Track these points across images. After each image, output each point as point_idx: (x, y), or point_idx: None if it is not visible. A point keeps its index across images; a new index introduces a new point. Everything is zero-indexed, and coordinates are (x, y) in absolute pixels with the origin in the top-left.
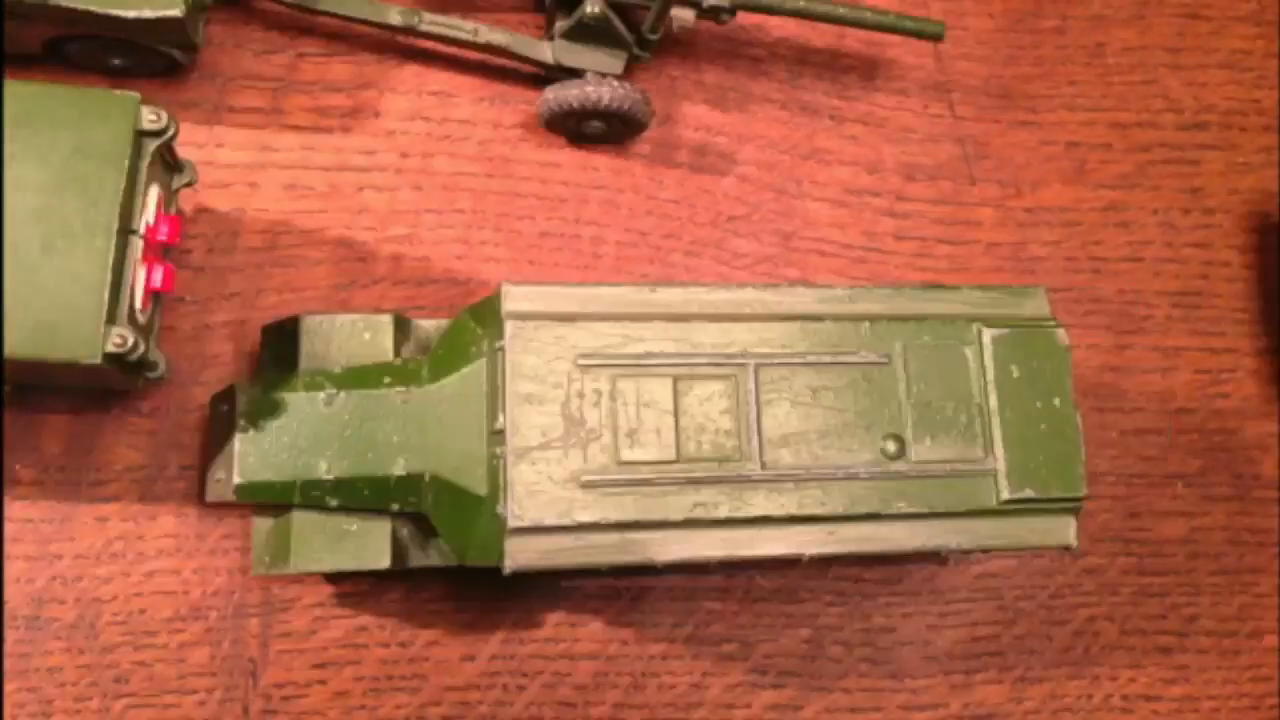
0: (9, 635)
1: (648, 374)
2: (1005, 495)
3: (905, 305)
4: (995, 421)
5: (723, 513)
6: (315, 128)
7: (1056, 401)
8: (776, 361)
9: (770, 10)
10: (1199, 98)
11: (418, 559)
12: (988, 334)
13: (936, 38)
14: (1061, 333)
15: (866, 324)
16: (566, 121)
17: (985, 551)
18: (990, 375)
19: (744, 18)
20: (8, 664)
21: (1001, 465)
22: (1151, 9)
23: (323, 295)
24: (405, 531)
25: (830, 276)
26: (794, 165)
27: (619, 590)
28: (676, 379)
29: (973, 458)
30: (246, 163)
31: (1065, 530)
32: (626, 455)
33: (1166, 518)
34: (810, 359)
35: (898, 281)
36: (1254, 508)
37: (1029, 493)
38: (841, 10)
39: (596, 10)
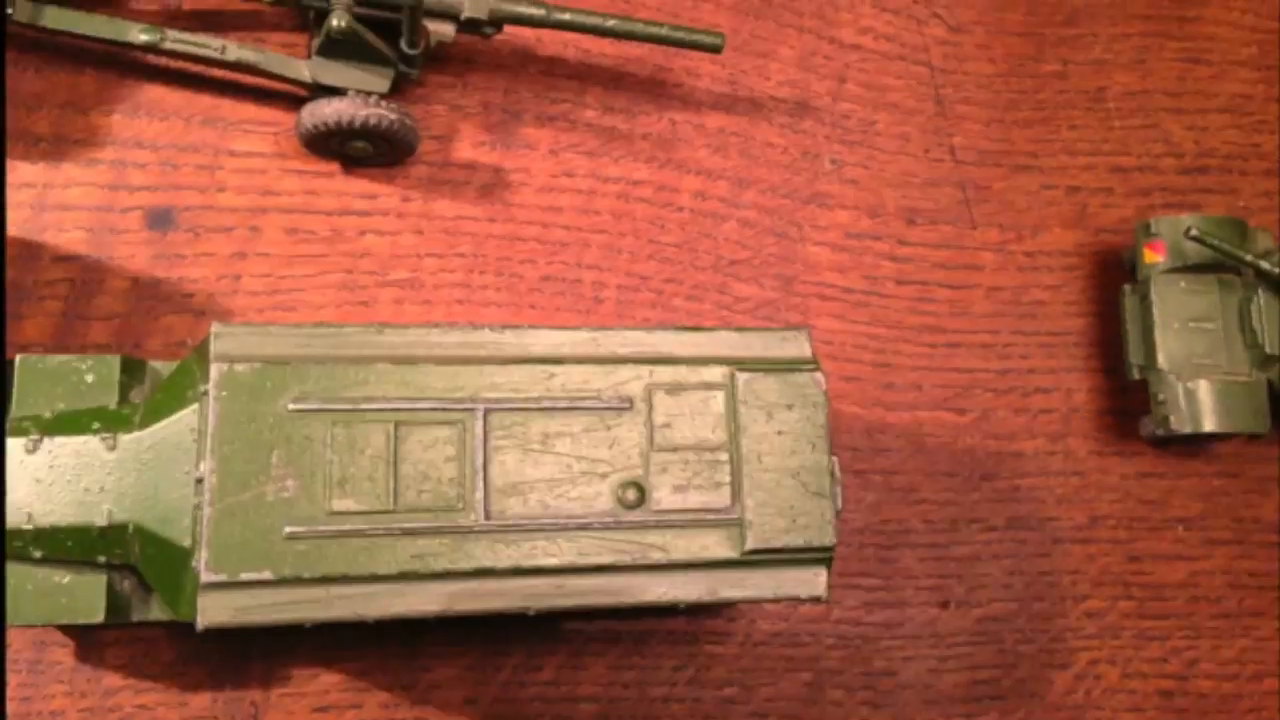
0: (11, 679)
1: (365, 419)
2: (750, 545)
3: (654, 347)
4: (744, 469)
5: (441, 565)
6: (316, 172)
7: (810, 448)
8: (508, 406)
9: (535, 23)
10: (1200, 142)
11: (140, 612)
12: (741, 377)
13: (715, 49)
14: (819, 376)
15: (610, 367)
16: (328, 142)
17: (730, 604)
18: (741, 420)
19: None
20: (10, 707)
21: (749, 514)
22: (1152, 54)
23: None
24: (126, 584)
25: (831, 320)
26: (795, 209)
27: (620, 633)
28: (397, 425)
29: (717, 506)
30: (248, 207)
31: (815, 581)
32: (337, 505)
33: (1167, 561)
34: (546, 404)
35: (898, 325)
36: (1254, 551)
37: (776, 543)
38: (612, 23)
39: (342, 24)
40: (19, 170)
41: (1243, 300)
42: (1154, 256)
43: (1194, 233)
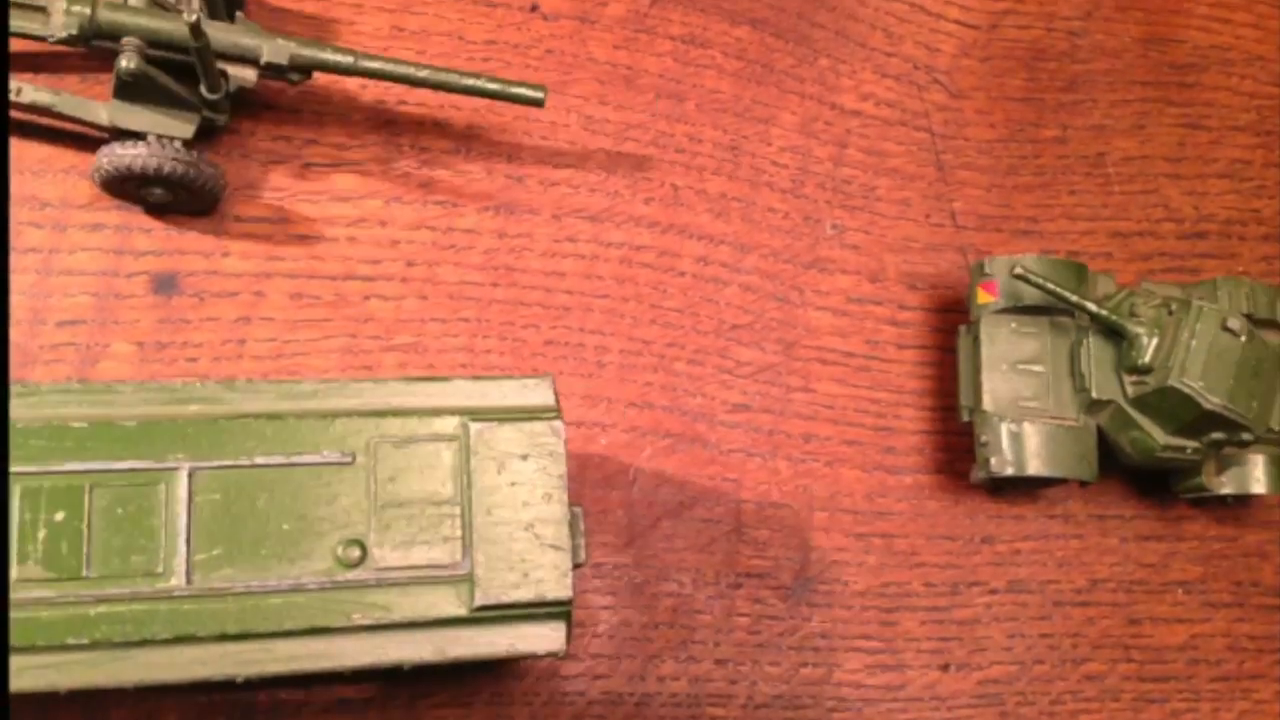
0: None
1: (57, 482)
2: (480, 601)
3: (383, 399)
4: (474, 522)
5: (138, 634)
6: (321, 237)
7: (546, 499)
8: (217, 465)
9: (342, 70)
10: (1199, 207)
11: None
12: (475, 428)
13: (536, 104)
14: (558, 424)
15: (332, 420)
16: (125, 186)
17: (461, 663)
18: (473, 472)
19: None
20: None
21: (478, 569)
22: (1152, 120)
23: None
24: None
25: (833, 385)
26: (797, 274)
27: (622, 696)
28: (92, 487)
29: (445, 563)
30: (253, 272)
31: (553, 636)
32: (23, 573)
33: (1167, 624)
34: (260, 460)
35: (899, 390)
36: (1254, 614)
37: (507, 598)
38: (424, 73)
39: (131, 65)
40: (24, 235)
41: (1074, 344)
42: (986, 297)
43: (1018, 271)
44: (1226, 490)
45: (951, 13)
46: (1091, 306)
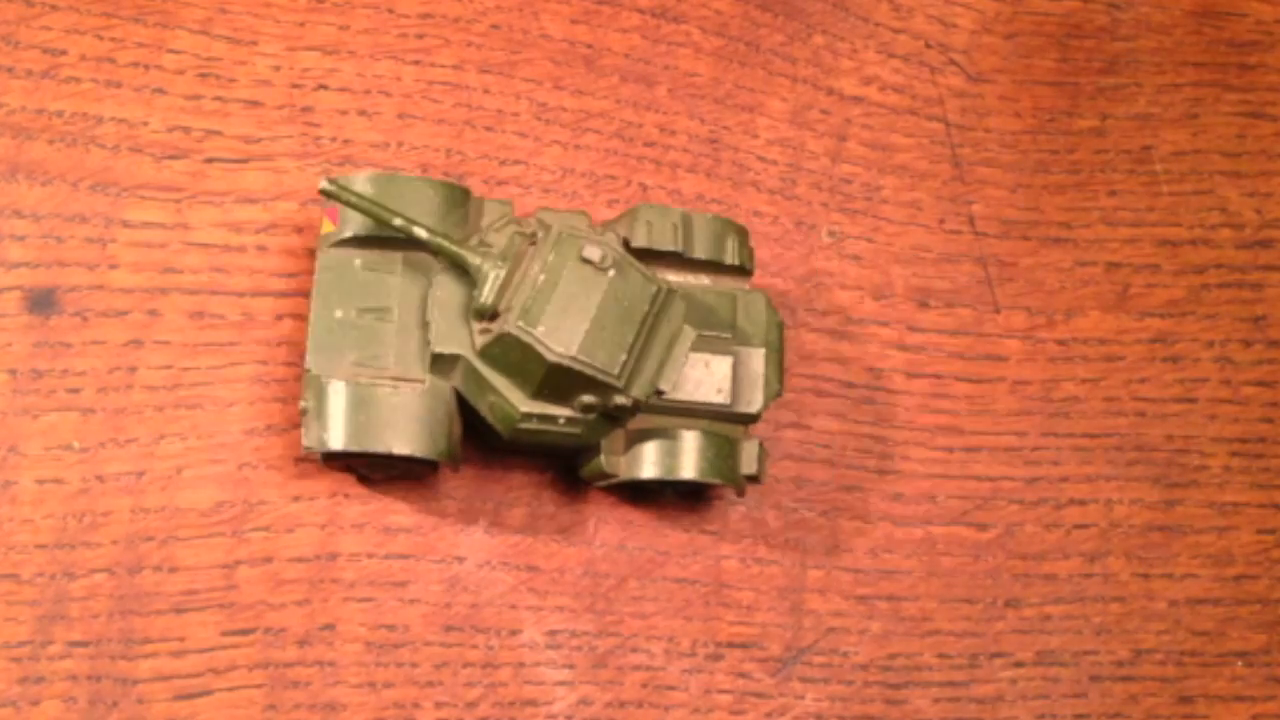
0: None
1: None
2: None
3: None
4: None
5: None
6: (226, 246)
7: None
8: None
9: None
10: (1262, 210)
11: None
12: None
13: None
14: None
15: None
16: None
17: None
18: None
19: None
20: None
21: None
22: (1206, 107)
23: (234, 441)
24: None
25: (830, 420)
26: (787, 289)
27: None
28: None
29: None
30: (145, 287)
31: None
32: None
33: (1224, 703)
34: None
35: (908, 426)
36: None
37: None
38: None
39: None
40: None
41: (427, 286)
42: (329, 225)
43: (324, 185)
44: (629, 475)
45: None
46: (422, 231)
